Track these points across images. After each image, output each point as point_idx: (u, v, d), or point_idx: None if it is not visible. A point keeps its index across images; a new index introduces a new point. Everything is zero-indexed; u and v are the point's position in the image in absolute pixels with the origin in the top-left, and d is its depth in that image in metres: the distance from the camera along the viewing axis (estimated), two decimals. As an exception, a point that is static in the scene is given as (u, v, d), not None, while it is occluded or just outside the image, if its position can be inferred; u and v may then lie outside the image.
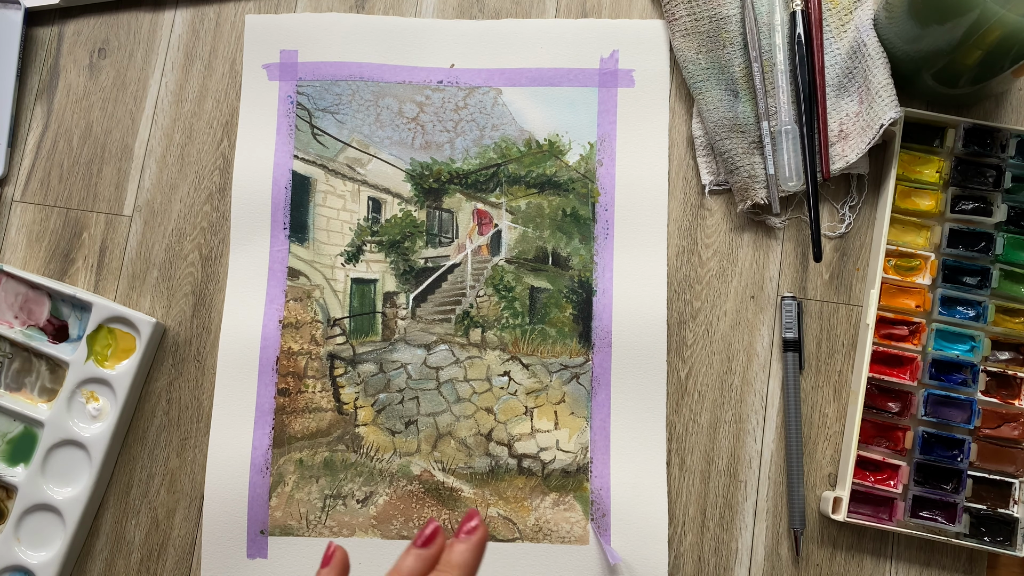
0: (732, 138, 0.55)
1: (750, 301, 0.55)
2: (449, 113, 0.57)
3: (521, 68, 0.57)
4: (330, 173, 0.56)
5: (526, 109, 0.57)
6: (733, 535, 0.53)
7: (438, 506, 0.53)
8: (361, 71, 0.57)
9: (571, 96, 0.57)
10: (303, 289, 0.55)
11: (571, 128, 0.57)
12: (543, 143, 0.57)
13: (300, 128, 0.57)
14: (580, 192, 0.56)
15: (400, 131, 0.57)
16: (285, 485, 0.54)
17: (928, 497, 0.51)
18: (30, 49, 0.60)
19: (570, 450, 0.54)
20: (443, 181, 0.57)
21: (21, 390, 0.56)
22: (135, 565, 0.55)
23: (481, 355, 0.55)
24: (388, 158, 0.57)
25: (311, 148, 0.57)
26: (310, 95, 0.57)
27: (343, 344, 0.55)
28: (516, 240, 0.56)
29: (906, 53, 0.53)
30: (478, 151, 0.57)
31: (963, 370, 0.52)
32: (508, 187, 0.56)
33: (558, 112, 0.57)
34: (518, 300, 0.55)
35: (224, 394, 0.54)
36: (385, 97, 0.57)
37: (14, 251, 0.58)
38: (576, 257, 0.56)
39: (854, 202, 0.56)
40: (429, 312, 0.55)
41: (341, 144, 0.57)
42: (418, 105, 0.57)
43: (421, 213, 0.56)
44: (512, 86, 0.57)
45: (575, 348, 0.55)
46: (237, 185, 0.57)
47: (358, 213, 0.56)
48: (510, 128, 0.57)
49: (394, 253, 0.56)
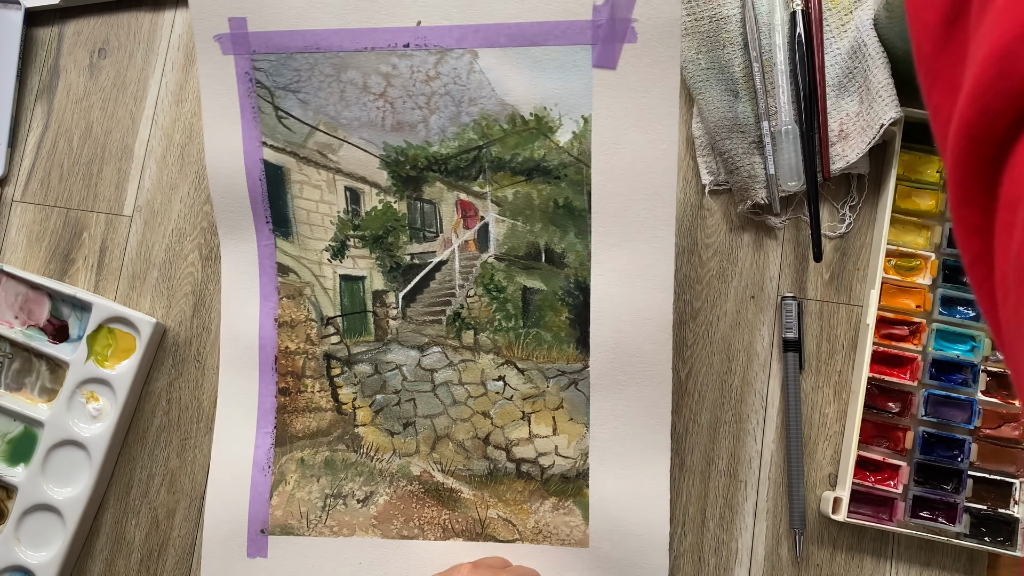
0: (732, 138, 0.55)
1: (750, 301, 0.55)
2: (419, 85, 0.50)
3: (498, 23, 0.49)
4: (302, 161, 0.52)
5: (507, 76, 0.49)
6: (733, 535, 0.53)
7: (438, 507, 0.53)
8: (317, 40, 0.51)
9: (559, 57, 0.49)
10: (294, 286, 0.54)
11: (561, 99, 0.49)
12: (529, 119, 0.50)
13: (264, 110, 0.52)
14: (573, 179, 0.50)
15: (368, 110, 0.51)
16: (286, 484, 0.53)
17: (928, 497, 0.51)
18: (30, 49, 0.60)
19: (570, 456, 0.52)
20: (420, 168, 0.52)
21: (21, 390, 0.56)
22: (135, 565, 0.55)
23: (475, 359, 0.53)
24: (359, 142, 0.52)
25: (278, 133, 0.52)
26: (267, 71, 0.51)
27: (338, 344, 0.54)
28: (505, 235, 0.52)
29: (906, 53, 0.52)
30: (456, 131, 0.51)
31: (963, 370, 0.52)
32: (492, 174, 0.51)
33: (545, 78, 0.49)
34: (510, 301, 0.52)
35: (227, 392, 0.54)
36: (347, 70, 0.51)
37: (14, 251, 0.58)
38: (572, 254, 0.51)
39: (854, 202, 0.56)
40: (420, 312, 0.53)
41: (308, 128, 0.52)
42: (384, 77, 0.51)
43: (402, 205, 0.52)
44: (489, 47, 0.49)
45: (572, 354, 0.51)
46: (213, 177, 0.53)
47: (337, 205, 0.53)
48: (490, 102, 0.50)
49: (379, 249, 0.53)
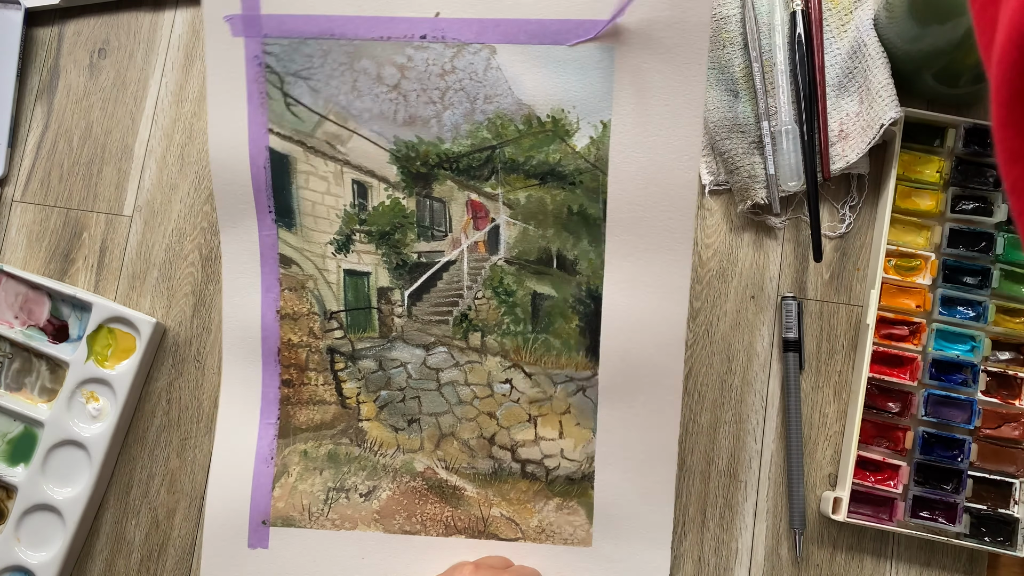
0: (732, 138, 0.55)
1: (750, 301, 0.55)
2: (434, 79, 0.50)
3: (519, 19, 0.48)
4: (309, 151, 0.51)
5: (525, 75, 0.49)
6: (733, 535, 0.53)
7: (441, 503, 0.53)
8: (332, 26, 0.50)
9: (580, 58, 0.48)
10: (296, 279, 0.53)
11: (580, 102, 0.49)
12: (545, 121, 0.49)
13: (272, 96, 0.51)
14: (589, 186, 0.49)
15: (380, 102, 0.50)
16: (289, 476, 0.53)
17: (928, 497, 0.51)
18: (30, 49, 0.60)
19: (575, 459, 0.52)
20: (431, 165, 0.51)
21: (21, 390, 0.56)
22: (135, 565, 0.55)
23: (481, 360, 0.53)
24: (369, 135, 0.51)
25: (286, 120, 0.51)
26: (278, 55, 0.50)
27: (342, 339, 0.54)
28: (516, 238, 0.51)
29: (906, 53, 0.53)
30: (469, 129, 0.50)
31: (963, 370, 0.52)
32: (505, 175, 0.51)
33: (564, 79, 0.49)
34: (519, 306, 0.52)
35: (230, 381, 0.54)
36: (361, 59, 0.50)
37: (14, 251, 0.58)
38: (584, 261, 0.50)
39: (854, 202, 0.56)
40: (426, 312, 0.53)
41: (317, 117, 0.51)
42: (399, 68, 0.50)
43: (410, 201, 0.52)
44: (508, 43, 0.49)
45: (582, 361, 0.51)
46: (215, 162, 0.51)
47: (343, 198, 0.52)
48: (506, 100, 0.50)
49: (385, 245, 0.52)
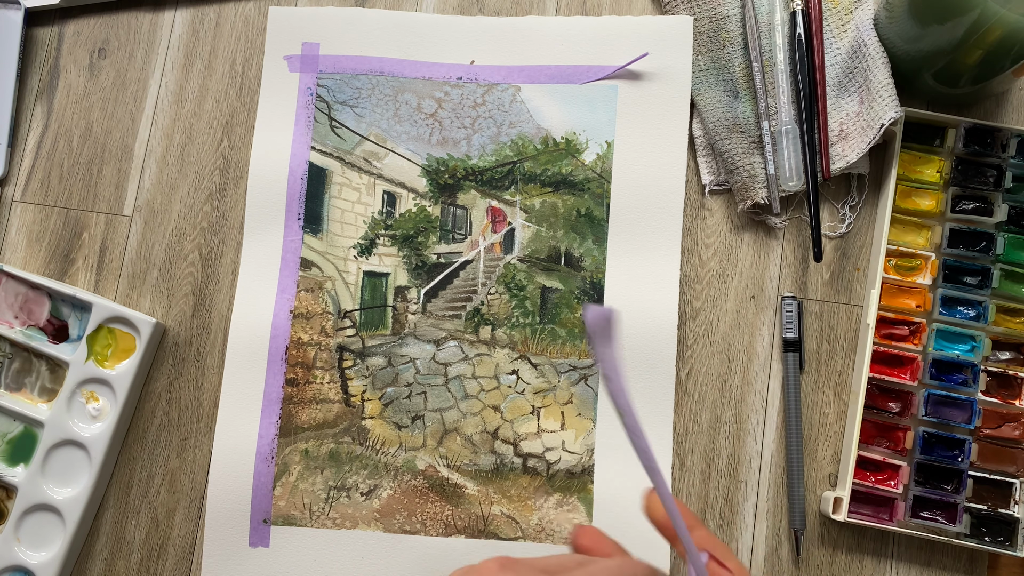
0: (732, 138, 0.55)
1: (750, 301, 0.55)
2: (467, 110, 0.57)
3: (541, 65, 0.57)
4: (346, 165, 0.57)
5: (544, 107, 0.57)
6: (733, 535, 0.53)
7: (442, 502, 0.53)
8: (382, 66, 0.58)
9: (590, 93, 0.57)
10: (315, 280, 0.56)
11: (589, 126, 0.57)
12: (560, 141, 0.57)
13: (319, 120, 0.58)
14: (595, 192, 0.56)
15: (418, 126, 0.57)
16: (290, 475, 0.54)
17: (928, 497, 0.51)
18: (30, 49, 0.60)
19: (576, 451, 0.53)
20: (459, 177, 0.57)
21: (21, 390, 0.56)
22: (135, 565, 0.55)
23: (490, 353, 0.55)
24: (405, 152, 0.57)
25: (328, 140, 0.57)
26: (330, 87, 0.58)
27: (353, 336, 0.55)
28: (529, 239, 0.56)
29: (906, 53, 0.53)
30: (495, 148, 0.57)
31: (964, 370, 0.52)
32: (523, 185, 0.57)
33: (576, 110, 0.57)
34: (529, 299, 0.55)
35: (232, 381, 0.55)
36: (404, 92, 0.58)
37: (14, 251, 0.58)
38: (589, 258, 0.55)
39: (854, 202, 0.56)
40: (440, 308, 0.56)
41: (359, 137, 0.57)
42: (437, 101, 0.57)
43: (435, 208, 0.57)
44: (531, 83, 0.57)
45: (584, 350, 0.55)
46: (253, 174, 0.57)
47: (373, 206, 0.57)
48: (527, 125, 0.57)
49: (407, 247, 0.56)
